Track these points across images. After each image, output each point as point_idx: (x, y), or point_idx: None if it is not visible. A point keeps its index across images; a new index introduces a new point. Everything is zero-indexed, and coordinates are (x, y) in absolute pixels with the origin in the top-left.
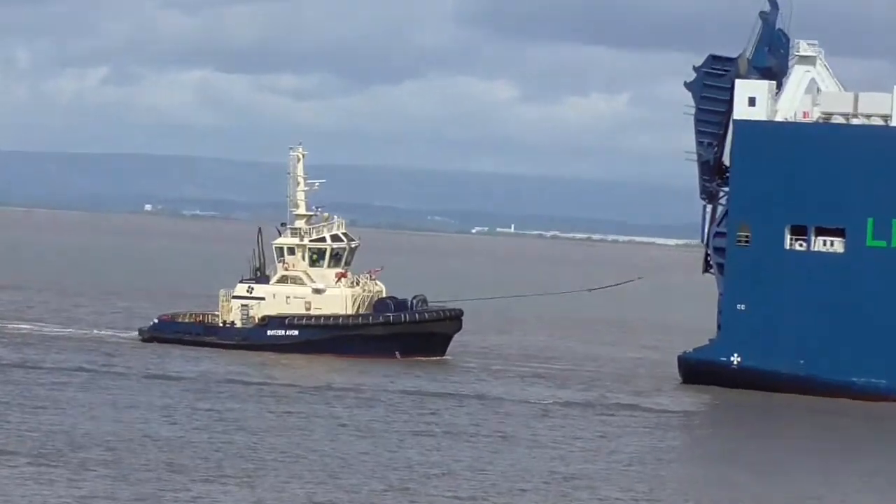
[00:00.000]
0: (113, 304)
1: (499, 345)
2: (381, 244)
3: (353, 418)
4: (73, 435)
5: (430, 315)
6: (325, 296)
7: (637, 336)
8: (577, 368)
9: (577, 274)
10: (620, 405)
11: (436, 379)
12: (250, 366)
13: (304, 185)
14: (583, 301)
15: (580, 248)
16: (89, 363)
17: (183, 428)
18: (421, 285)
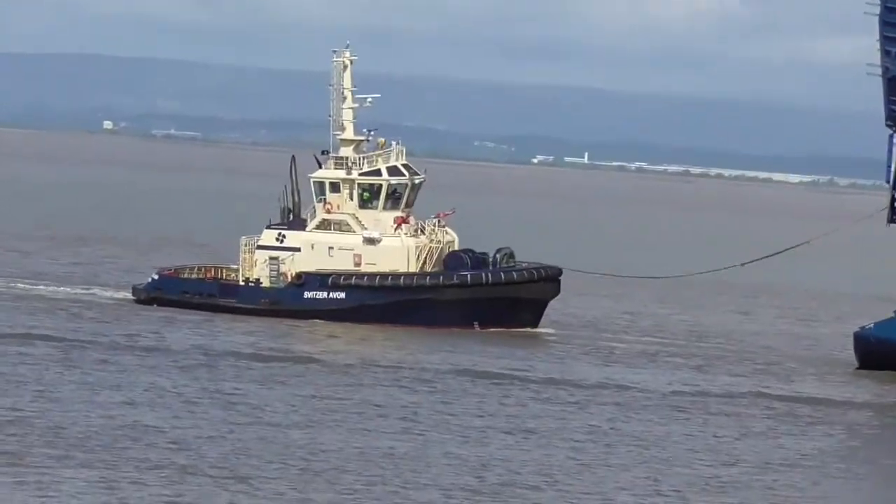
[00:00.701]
0: (89, 255)
1: (605, 314)
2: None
3: (421, 409)
4: (38, 426)
5: (519, 275)
6: (379, 247)
7: (792, 305)
8: (711, 347)
9: (685, 220)
10: (770, 395)
11: (529, 358)
12: (282, 338)
13: (352, 100)
14: (707, 256)
15: (675, 184)
16: (64, 332)
17: (192, 422)
18: (488, 235)
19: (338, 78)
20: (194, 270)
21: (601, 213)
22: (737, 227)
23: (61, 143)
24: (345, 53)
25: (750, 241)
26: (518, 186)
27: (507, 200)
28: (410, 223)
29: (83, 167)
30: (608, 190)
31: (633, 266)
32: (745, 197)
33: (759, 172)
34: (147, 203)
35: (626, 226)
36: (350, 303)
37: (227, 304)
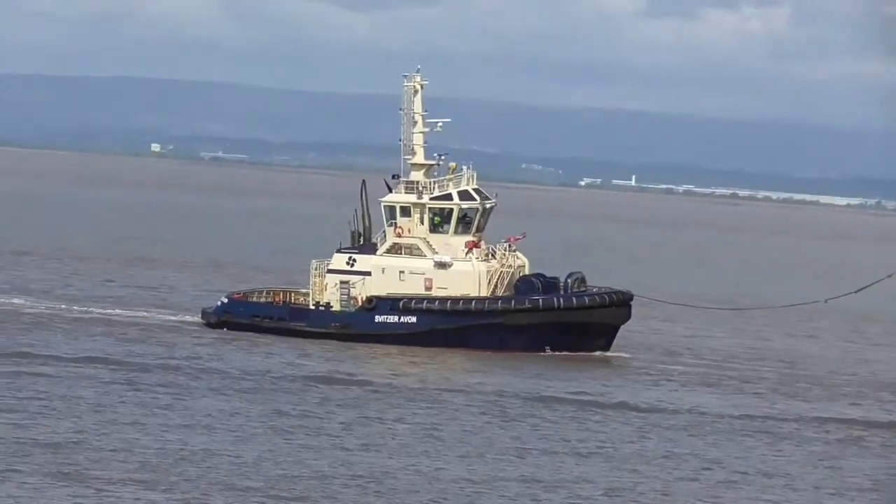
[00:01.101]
0: (150, 278)
1: (677, 338)
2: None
3: (495, 434)
4: (106, 450)
5: (590, 300)
6: (451, 271)
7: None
8: (787, 371)
9: (744, 243)
10: (849, 420)
11: (603, 382)
12: (354, 362)
13: (422, 125)
14: (786, 280)
15: (722, 206)
16: (134, 355)
17: (267, 448)
18: (553, 259)
19: (408, 102)
20: (263, 294)
21: (665, 236)
22: (818, 252)
23: (111, 165)
24: (415, 78)
25: (829, 266)
26: (572, 209)
27: (565, 223)
28: (481, 247)
29: (135, 189)
30: (667, 213)
31: (705, 291)
32: (813, 221)
33: (806, 195)
34: (199, 226)
35: (694, 249)
36: (421, 326)
37: (298, 327)
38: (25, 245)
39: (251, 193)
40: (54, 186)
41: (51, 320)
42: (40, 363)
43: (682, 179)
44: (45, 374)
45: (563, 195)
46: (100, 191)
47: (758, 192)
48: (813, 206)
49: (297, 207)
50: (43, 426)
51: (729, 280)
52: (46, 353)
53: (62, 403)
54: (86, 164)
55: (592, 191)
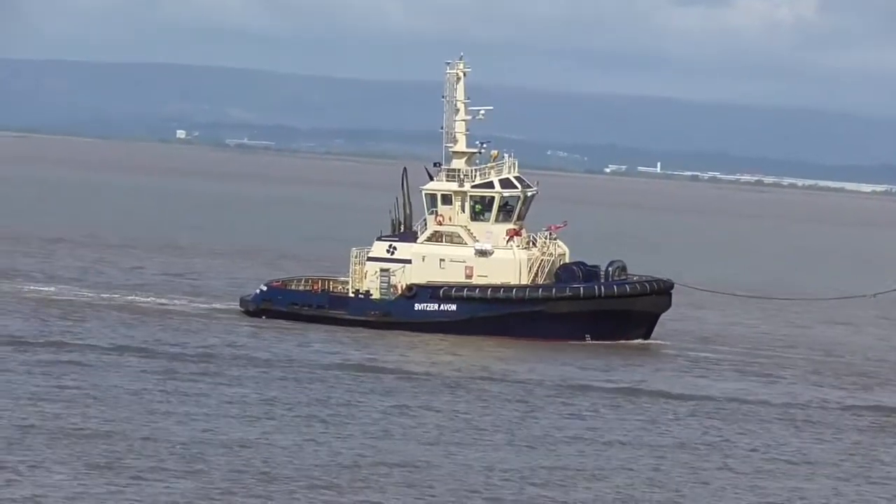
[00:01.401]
0: (184, 267)
1: (718, 328)
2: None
3: (539, 423)
4: (141, 440)
5: (631, 288)
6: (492, 259)
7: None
8: (833, 360)
9: (774, 230)
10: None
11: (647, 371)
12: (395, 350)
13: (465, 112)
14: (818, 267)
15: (748, 193)
16: (171, 344)
17: (302, 437)
18: (591, 246)
19: (450, 90)
20: (301, 282)
21: (691, 223)
22: (845, 239)
23: (135, 152)
24: (458, 65)
25: (856, 253)
26: (599, 196)
27: (593, 210)
28: (522, 235)
29: (163, 176)
30: (692, 200)
31: (738, 279)
32: (839, 208)
33: (831, 182)
34: (225, 213)
35: (723, 236)
36: (461, 315)
37: (337, 315)
38: (55, 232)
39: (277, 180)
40: (79, 173)
41: (87, 308)
42: (78, 352)
43: (707, 166)
44: (83, 363)
45: (588, 182)
46: (125, 177)
47: (783, 178)
48: (838, 193)
49: (323, 195)
50: (83, 415)
51: (762, 268)
52: (83, 342)
53: (100, 392)
54: (110, 150)
55: (618, 178)
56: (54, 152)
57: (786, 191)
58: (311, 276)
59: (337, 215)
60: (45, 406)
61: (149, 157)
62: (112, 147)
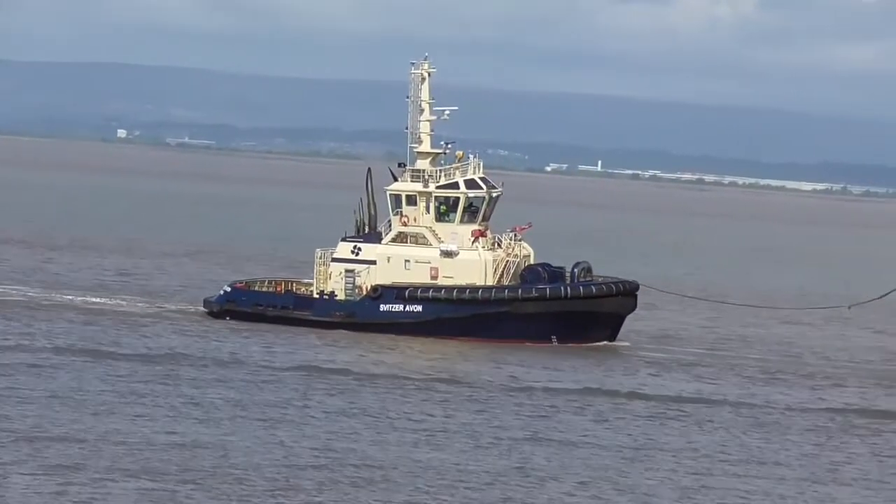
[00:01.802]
0: (134, 267)
1: (679, 327)
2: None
3: (509, 428)
4: (104, 443)
5: (598, 289)
6: (457, 260)
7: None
8: (801, 361)
9: (719, 228)
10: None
11: (616, 373)
12: (361, 351)
13: (429, 112)
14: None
15: (689, 192)
16: (135, 346)
17: (242, 433)
18: (553, 248)
19: (415, 90)
20: (265, 284)
21: (648, 222)
22: (787, 238)
23: (79, 151)
24: (423, 65)
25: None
26: (542, 195)
27: (538, 209)
28: (488, 237)
29: (105, 175)
30: (632, 197)
31: (700, 279)
32: (779, 206)
33: (771, 180)
34: (172, 212)
35: (680, 235)
36: (427, 315)
37: (302, 316)
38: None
39: (219, 179)
40: (23, 173)
41: (42, 308)
42: (39, 354)
43: (647, 165)
44: (43, 364)
45: (529, 180)
46: (68, 176)
47: (724, 177)
48: (779, 192)
49: (268, 194)
50: (44, 417)
51: (717, 267)
52: (42, 344)
53: (60, 394)
54: (52, 149)
55: (559, 176)
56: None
57: (727, 189)
58: (275, 278)
59: (285, 215)
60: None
61: (90, 156)
62: (53, 146)
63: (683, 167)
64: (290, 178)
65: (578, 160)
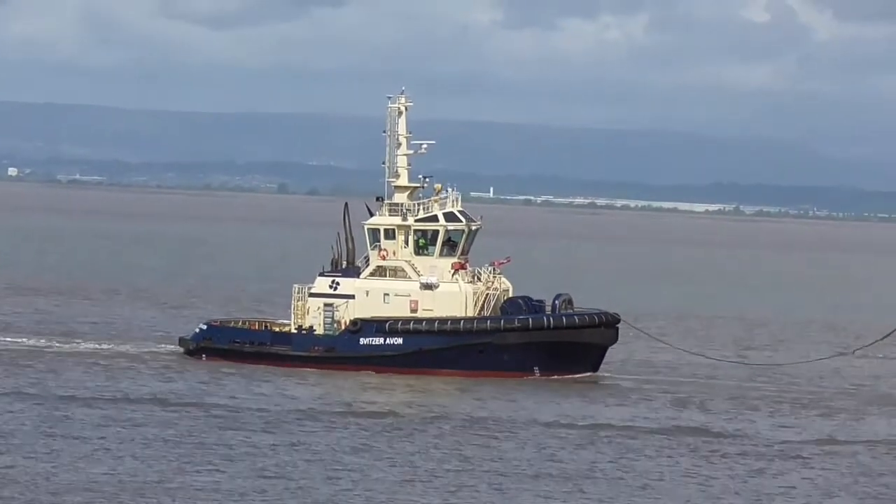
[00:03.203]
0: (112, 309)
1: (654, 358)
2: (321, 215)
3: (505, 465)
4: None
5: (580, 319)
6: (437, 293)
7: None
8: (796, 388)
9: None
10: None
11: (605, 404)
12: (342, 387)
13: (406, 147)
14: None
15: (582, 216)
16: (111, 389)
17: (215, 475)
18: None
19: (392, 124)
20: (240, 323)
21: (556, 246)
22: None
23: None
24: (400, 99)
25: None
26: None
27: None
28: (468, 269)
29: (45, 214)
30: (527, 223)
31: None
32: (671, 228)
33: (664, 202)
34: (93, 251)
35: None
36: (408, 348)
37: (280, 351)
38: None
39: (108, 215)
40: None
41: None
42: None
43: (540, 190)
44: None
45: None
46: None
47: (616, 200)
48: (672, 213)
49: (183, 229)
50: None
51: (610, 290)
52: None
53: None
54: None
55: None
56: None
57: (620, 212)
58: (249, 318)
59: (210, 251)
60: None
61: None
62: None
63: (576, 192)
64: (198, 213)
65: (470, 187)
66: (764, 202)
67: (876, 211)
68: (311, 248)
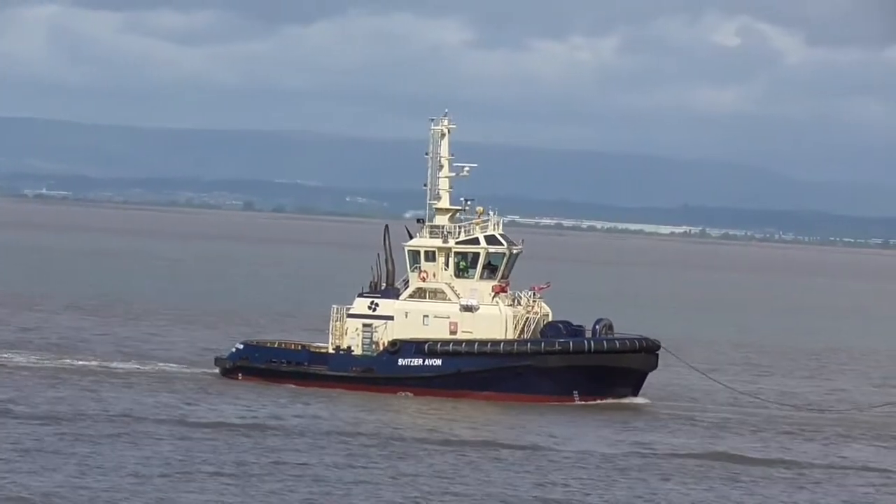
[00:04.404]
0: (144, 329)
1: (701, 384)
2: (285, 232)
3: (552, 495)
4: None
5: (621, 344)
6: (477, 315)
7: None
8: (829, 414)
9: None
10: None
11: (656, 430)
12: (382, 409)
13: (448, 169)
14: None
15: (548, 237)
16: (154, 410)
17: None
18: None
19: (434, 146)
20: (275, 344)
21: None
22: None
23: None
24: (443, 121)
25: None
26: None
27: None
28: (508, 293)
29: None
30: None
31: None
32: (637, 249)
33: (630, 224)
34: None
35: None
36: (447, 369)
37: (318, 371)
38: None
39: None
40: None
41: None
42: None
43: (506, 210)
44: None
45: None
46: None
47: (582, 221)
48: (637, 235)
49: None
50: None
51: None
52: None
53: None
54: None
55: (381, 221)
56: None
57: (586, 234)
58: (285, 339)
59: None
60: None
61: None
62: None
63: (542, 212)
64: (153, 227)
65: None
66: (730, 225)
67: (842, 235)
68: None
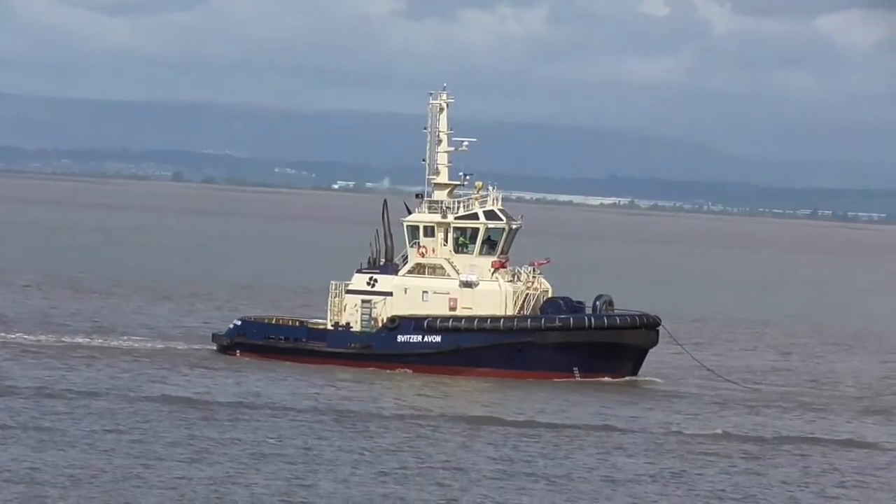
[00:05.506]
0: (137, 304)
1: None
2: (214, 203)
3: (554, 472)
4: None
5: (622, 320)
6: (476, 291)
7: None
8: (823, 390)
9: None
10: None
11: (665, 409)
12: (382, 385)
13: (447, 144)
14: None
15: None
16: (143, 387)
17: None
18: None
19: (433, 121)
20: (273, 320)
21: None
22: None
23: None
24: (441, 96)
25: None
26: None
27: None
28: (507, 269)
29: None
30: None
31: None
32: (567, 221)
33: (560, 195)
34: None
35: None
36: (446, 346)
37: (316, 348)
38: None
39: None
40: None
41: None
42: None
43: None
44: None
45: (313, 198)
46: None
47: (511, 192)
48: (567, 206)
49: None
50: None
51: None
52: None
53: (56, 437)
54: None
55: (344, 194)
56: None
57: (514, 204)
58: (281, 316)
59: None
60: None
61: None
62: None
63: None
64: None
65: (366, 178)
66: (659, 196)
67: (771, 207)
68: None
